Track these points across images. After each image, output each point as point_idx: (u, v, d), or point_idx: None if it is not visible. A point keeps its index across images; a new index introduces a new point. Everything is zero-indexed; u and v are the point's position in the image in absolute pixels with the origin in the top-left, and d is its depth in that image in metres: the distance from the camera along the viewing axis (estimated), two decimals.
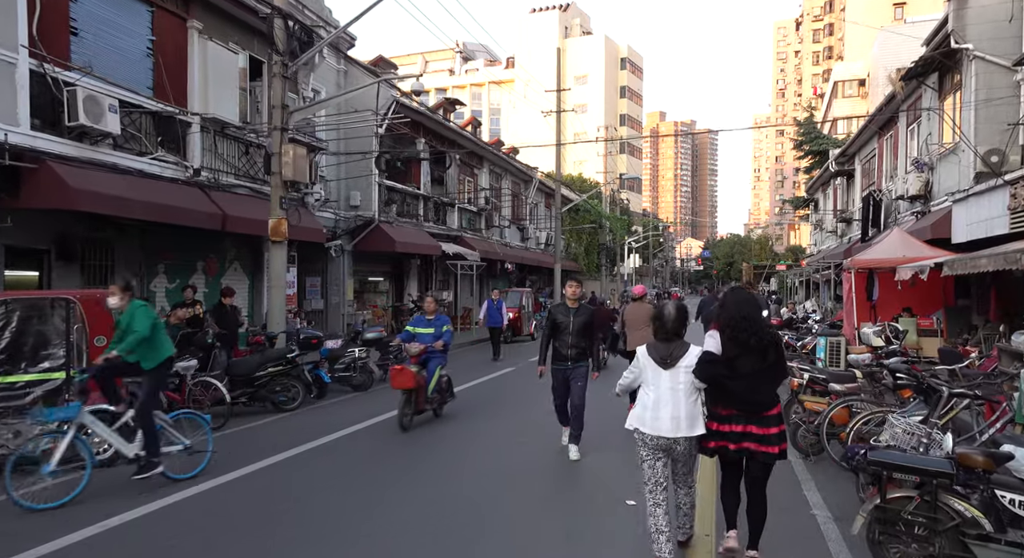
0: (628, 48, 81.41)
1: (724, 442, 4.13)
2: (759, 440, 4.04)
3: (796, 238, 66.13)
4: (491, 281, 28.64)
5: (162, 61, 11.17)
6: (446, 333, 8.37)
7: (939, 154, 14.50)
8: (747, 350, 4.09)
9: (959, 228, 12.72)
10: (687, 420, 4.09)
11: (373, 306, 21.11)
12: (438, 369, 8.35)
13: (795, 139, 37.74)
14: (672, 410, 4.08)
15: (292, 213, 11.99)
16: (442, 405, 8.86)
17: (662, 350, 4.24)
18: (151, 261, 11.94)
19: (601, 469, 6.48)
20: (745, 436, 4.06)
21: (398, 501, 5.54)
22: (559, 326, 6.87)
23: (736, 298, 4.30)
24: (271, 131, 11.47)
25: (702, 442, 4.20)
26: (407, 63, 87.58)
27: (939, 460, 3.52)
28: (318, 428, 8.11)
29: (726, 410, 4.12)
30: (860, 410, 6.03)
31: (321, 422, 8.54)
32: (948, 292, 13.86)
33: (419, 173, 21.20)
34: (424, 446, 7.42)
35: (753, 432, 4.04)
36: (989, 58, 12.30)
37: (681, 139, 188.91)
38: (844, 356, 10.59)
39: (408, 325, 8.64)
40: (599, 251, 45.96)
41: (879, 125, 19.86)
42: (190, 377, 7.92)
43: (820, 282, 24.93)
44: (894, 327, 10.82)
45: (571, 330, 6.81)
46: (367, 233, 17.99)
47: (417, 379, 7.96)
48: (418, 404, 8.14)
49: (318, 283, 18.03)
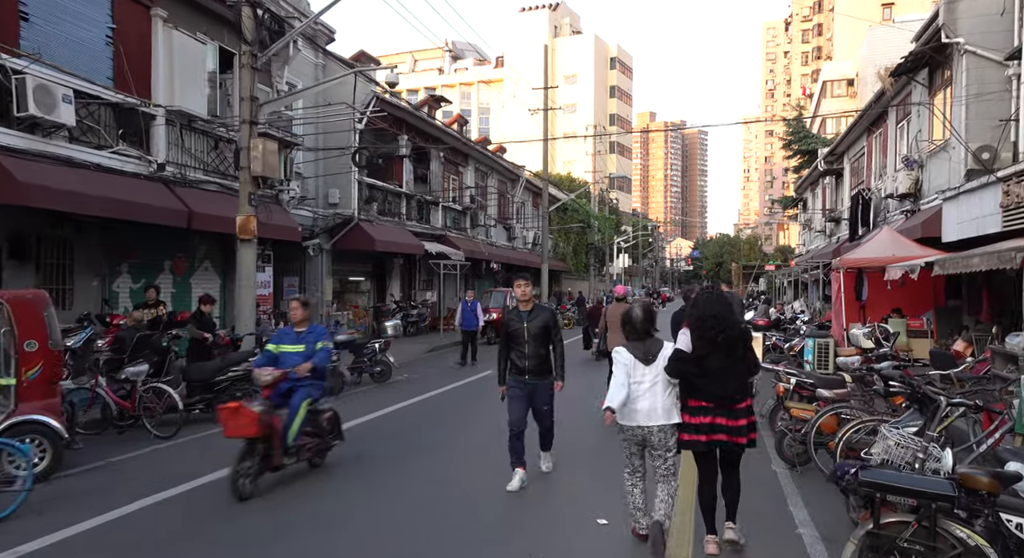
0: (618, 47, 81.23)
1: (696, 435, 4.33)
2: (729, 432, 4.27)
3: (785, 238, 66.11)
4: (477, 281, 28.21)
5: (123, 50, 10.66)
6: (320, 353, 6.06)
7: (929, 151, 14.21)
8: (716, 347, 4.30)
9: (949, 227, 12.42)
10: (663, 411, 4.39)
11: (354, 306, 20.62)
12: (304, 404, 5.90)
13: (784, 138, 37.55)
14: (649, 403, 4.37)
15: (262, 210, 11.51)
16: (323, 452, 6.45)
17: (642, 348, 4.51)
18: (114, 260, 11.43)
19: (571, 484, 5.97)
20: (715, 428, 4.28)
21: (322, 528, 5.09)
22: (513, 334, 5.85)
23: (706, 297, 4.54)
24: (240, 124, 11.00)
25: (678, 435, 4.42)
26: (396, 62, 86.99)
27: (939, 481, 3.13)
28: None
29: (697, 403, 4.34)
30: (850, 418, 5.66)
31: None
32: (938, 292, 13.57)
33: (401, 171, 20.74)
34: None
35: (723, 424, 4.26)
36: (980, 52, 12.00)
37: (671, 139, 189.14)
38: (833, 358, 10.26)
39: (269, 342, 6.32)
40: (587, 251, 45.63)
41: (868, 123, 19.60)
42: (140, 383, 7.45)
43: (809, 282, 24.66)
44: (884, 328, 10.49)
45: (526, 337, 5.75)
46: (346, 232, 17.52)
47: (263, 423, 5.48)
48: (272, 459, 5.68)
49: (296, 283, 17.53)
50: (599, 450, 6.64)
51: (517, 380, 5.86)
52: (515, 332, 5.83)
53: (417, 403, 10.02)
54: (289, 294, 17.55)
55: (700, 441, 4.31)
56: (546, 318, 5.91)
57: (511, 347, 5.89)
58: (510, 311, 6.05)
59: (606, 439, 6.31)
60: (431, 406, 9.83)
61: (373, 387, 11.37)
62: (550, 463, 6.25)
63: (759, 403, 8.47)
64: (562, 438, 6.62)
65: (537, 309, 5.95)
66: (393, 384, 11.58)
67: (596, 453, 6.50)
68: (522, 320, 5.83)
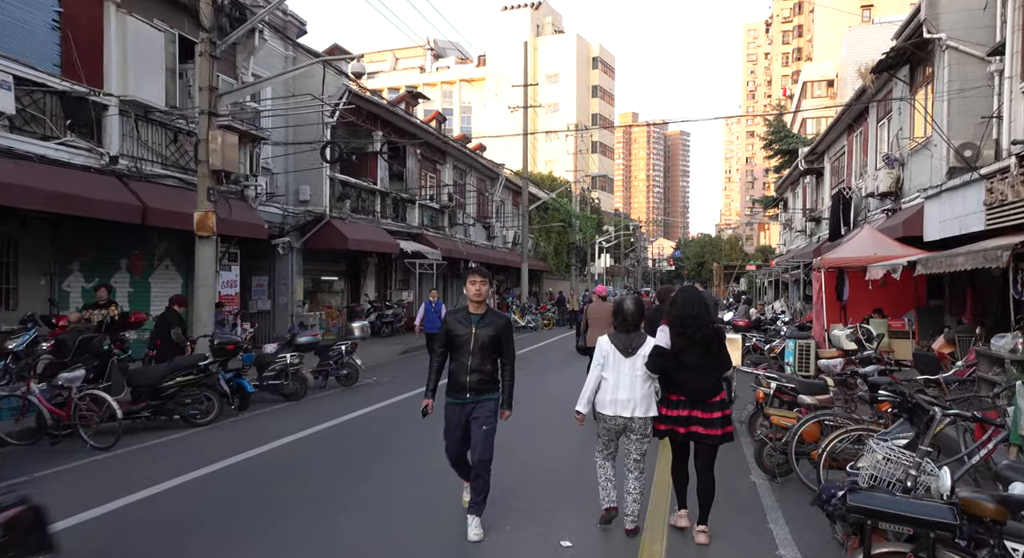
0: (600, 47, 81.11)
1: (673, 426, 4.57)
2: (704, 424, 4.50)
3: (766, 238, 66.35)
4: (455, 281, 27.75)
5: (72, 36, 10.06)
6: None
7: (910, 149, 14.01)
8: (692, 344, 4.55)
9: (931, 225, 12.20)
10: (642, 402, 4.56)
11: (327, 307, 20.06)
12: None
13: (765, 138, 37.50)
14: (629, 393, 4.55)
15: (225, 206, 10.96)
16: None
17: (624, 340, 4.67)
18: (64, 258, 10.82)
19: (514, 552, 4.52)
20: (691, 420, 4.51)
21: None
22: (456, 341, 4.70)
23: (683, 297, 4.74)
24: (198, 115, 10.45)
25: (654, 425, 4.63)
26: (377, 60, 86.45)
27: (938, 507, 2.75)
28: (222, 447, 7.11)
29: (675, 396, 4.58)
30: (834, 426, 5.30)
31: (231, 439, 7.57)
32: (920, 292, 13.36)
33: (376, 167, 20.21)
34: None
35: (698, 417, 4.50)
36: (963, 48, 11.79)
37: (654, 140, 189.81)
38: (814, 360, 9.95)
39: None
40: (569, 251, 45.29)
41: (849, 121, 19.43)
42: (76, 390, 6.90)
43: (789, 282, 24.51)
44: (866, 329, 10.19)
45: (472, 348, 4.62)
46: (318, 230, 16.98)
47: None
48: None
49: (265, 282, 16.96)
50: (555, 502, 5.47)
51: (456, 399, 4.71)
52: (460, 339, 4.67)
53: (382, 409, 9.54)
54: (258, 294, 17.00)
55: (677, 432, 4.58)
56: (499, 327, 4.71)
57: (453, 356, 4.73)
58: (456, 313, 4.85)
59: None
60: (396, 412, 9.37)
61: (339, 391, 10.87)
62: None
63: (738, 409, 8.13)
64: (502, 485, 5.33)
65: (491, 314, 4.79)
66: (360, 388, 11.10)
67: (549, 506, 5.28)
68: (470, 324, 4.68)
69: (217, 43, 10.42)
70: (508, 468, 6.10)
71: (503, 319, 4.82)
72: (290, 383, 9.53)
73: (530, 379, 12.46)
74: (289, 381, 9.50)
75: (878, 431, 4.65)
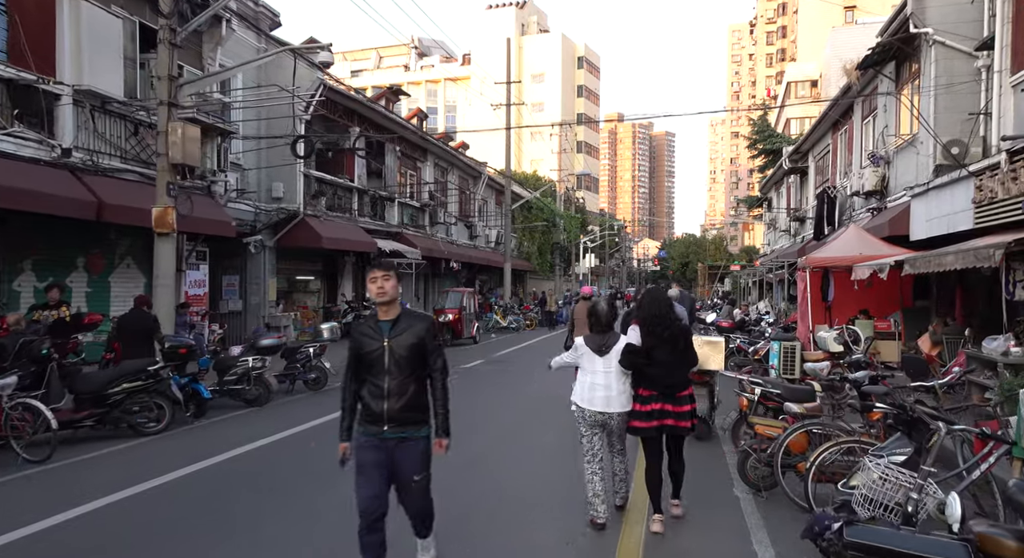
0: (585, 47, 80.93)
1: (647, 422, 4.72)
2: (675, 417, 4.71)
3: (750, 239, 66.44)
4: (436, 281, 27.28)
5: (20, 21, 9.49)
6: None
7: (896, 147, 13.76)
8: (661, 341, 4.79)
9: (918, 224, 11.94)
10: (618, 397, 4.76)
11: (303, 307, 19.52)
12: None
13: (749, 138, 37.36)
14: (605, 390, 4.74)
15: (183, 202, 10.42)
16: None
17: (598, 340, 4.90)
18: (14, 256, 10.25)
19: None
20: (663, 414, 4.70)
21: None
22: (366, 358, 3.63)
23: (651, 298, 5.05)
24: (157, 106, 9.92)
25: (629, 422, 4.79)
26: (361, 58, 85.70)
27: (949, 545, 2.37)
28: (172, 457, 6.62)
29: (646, 391, 4.76)
30: (823, 434, 4.93)
31: (183, 448, 7.07)
32: (906, 292, 13.10)
33: (353, 164, 19.69)
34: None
35: (669, 410, 4.70)
36: (949, 43, 11.53)
37: (639, 141, 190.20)
38: (800, 363, 9.61)
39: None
40: (553, 250, 44.94)
41: (834, 120, 19.21)
42: (7, 398, 6.37)
43: (774, 282, 24.29)
44: (853, 331, 9.88)
45: (387, 365, 3.58)
46: (291, 228, 16.44)
47: None
48: None
49: (236, 282, 16.40)
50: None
51: (371, 434, 3.62)
52: (371, 354, 3.60)
53: None
54: (229, 294, 16.44)
55: (650, 428, 4.72)
56: (419, 332, 3.63)
57: (362, 379, 3.67)
58: (362, 323, 3.77)
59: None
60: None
61: (306, 396, 10.38)
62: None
63: (721, 414, 7.77)
64: (455, 509, 4.88)
65: (406, 318, 3.67)
66: (329, 392, 10.60)
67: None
68: (381, 335, 3.60)
69: (177, 30, 9.91)
70: (475, 489, 5.68)
71: (424, 321, 3.72)
72: (252, 388, 9.03)
73: (512, 381, 12.06)
74: (251, 386, 8.99)
75: (872, 444, 4.28)
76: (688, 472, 5.00)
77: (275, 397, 9.94)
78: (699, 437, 7.18)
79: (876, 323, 12.67)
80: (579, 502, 4.96)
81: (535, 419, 8.61)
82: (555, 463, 6.47)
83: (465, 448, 6.58)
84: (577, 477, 5.15)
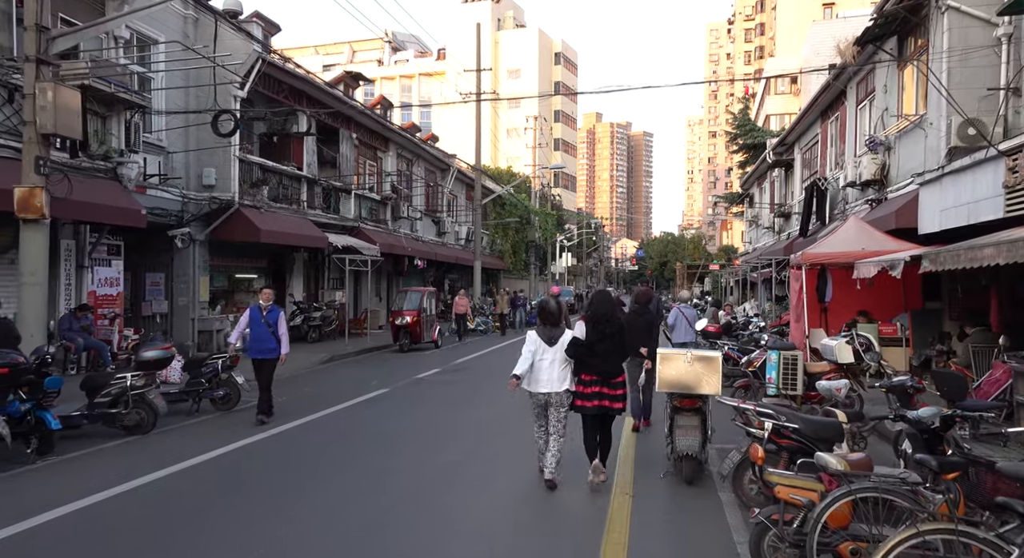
0: (562, 43, 79.63)
1: (587, 402, 5.74)
2: (611, 399, 5.76)
3: (728, 238, 65.53)
4: (400, 279, 25.49)
5: None
6: None
7: (899, 131, 12.34)
8: (603, 336, 5.77)
9: (929, 215, 10.52)
10: (559, 380, 5.74)
11: (244, 309, 17.64)
12: None
13: (730, 132, 36.11)
14: (548, 374, 5.72)
15: (58, 182, 8.58)
16: None
17: (548, 332, 5.83)
18: None
19: None
20: (601, 395, 5.73)
21: None
22: None
23: (597, 298, 6.12)
24: (23, 63, 8.08)
25: (573, 401, 5.79)
26: (333, 52, 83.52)
27: None
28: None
29: (587, 376, 5.76)
30: (881, 503, 3.33)
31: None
32: (912, 293, 11.70)
33: (301, 151, 17.85)
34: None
35: (606, 393, 5.74)
36: (965, 9, 10.11)
37: (617, 140, 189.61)
38: (802, 377, 8.07)
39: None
40: (528, 249, 43.30)
41: (823, 107, 17.85)
42: None
43: (758, 282, 22.91)
44: (864, 337, 8.38)
45: None
46: (225, 219, 14.57)
47: None
48: None
49: (161, 281, 14.52)
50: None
51: None
52: None
53: (261, 442, 7.34)
54: (153, 294, 14.55)
55: (589, 406, 5.70)
56: None
57: None
58: None
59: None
60: (281, 445, 7.20)
61: (213, 417, 8.59)
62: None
63: (718, 450, 6.20)
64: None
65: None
66: (242, 412, 8.83)
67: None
68: None
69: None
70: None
71: None
72: (132, 411, 7.23)
73: (460, 396, 10.32)
74: (130, 409, 7.20)
75: (977, 535, 2.69)
76: (678, 532, 4.76)
77: (172, 420, 8.16)
78: (689, 480, 5.57)
79: (880, 327, 11.25)
80: None
81: (471, 463, 6.88)
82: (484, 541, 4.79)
83: (359, 511, 4.93)
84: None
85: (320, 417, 8.63)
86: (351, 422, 8.48)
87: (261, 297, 8.63)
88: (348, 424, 8.37)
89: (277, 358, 8.34)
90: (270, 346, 8.29)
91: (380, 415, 8.91)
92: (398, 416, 8.85)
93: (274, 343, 8.29)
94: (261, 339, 8.32)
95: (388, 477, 5.98)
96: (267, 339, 8.28)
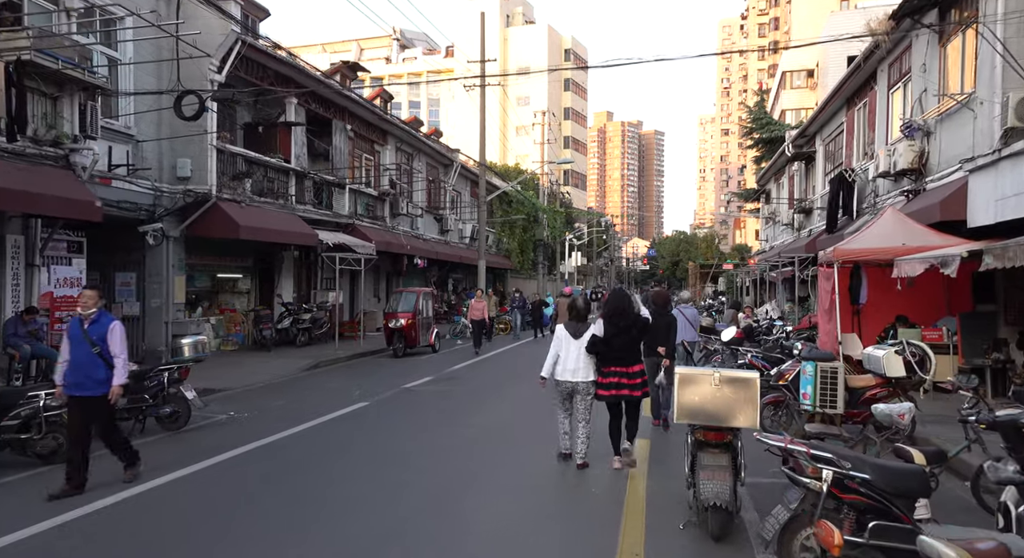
0: (572, 39, 78.47)
1: (608, 391, 6.31)
2: (630, 387, 6.29)
3: (742, 236, 63.93)
4: (400, 280, 24.37)
5: None
6: None
7: (940, 114, 11.05)
8: (619, 331, 6.33)
9: (981, 205, 9.25)
10: (583, 370, 6.36)
11: (229, 310, 16.60)
12: None
13: (744, 126, 34.71)
14: (574, 364, 6.36)
15: (40, 174, 7.49)
16: None
17: (575, 327, 6.48)
18: None
19: None
20: (620, 385, 6.27)
21: None
22: None
23: (613, 297, 6.74)
24: None
25: (596, 391, 6.37)
26: (341, 50, 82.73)
27: None
28: None
29: (607, 368, 6.33)
30: None
31: None
32: (960, 294, 10.42)
33: (289, 142, 16.76)
34: None
35: (626, 383, 6.27)
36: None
37: (628, 139, 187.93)
38: (841, 393, 6.85)
39: None
40: (535, 248, 42.07)
41: (849, 93, 16.54)
42: None
43: (777, 281, 21.57)
44: (918, 346, 7.14)
45: None
46: (201, 214, 13.49)
47: None
48: None
49: (132, 280, 13.48)
50: None
51: None
52: None
53: (204, 472, 6.20)
54: (124, 295, 13.51)
55: (610, 395, 6.32)
56: None
57: None
58: None
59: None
60: (224, 475, 6.07)
61: (158, 438, 7.44)
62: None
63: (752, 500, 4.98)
64: None
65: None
66: (193, 431, 7.70)
67: None
68: None
69: None
70: None
71: None
72: (47, 438, 6.12)
73: (452, 410, 9.08)
74: (44, 434, 6.08)
75: None
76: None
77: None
78: (717, 536, 4.34)
79: (924, 333, 9.97)
80: None
81: (443, 506, 5.71)
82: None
83: None
84: None
85: (276, 440, 7.45)
86: (310, 448, 7.29)
87: (79, 302, 5.85)
88: (303, 452, 7.14)
89: (105, 395, 5.54)
90: (96, 376, 5.51)
91: (349, 437, 7.74)
92: (366, 441, 7.65)
93: (103, 371, 5.53)
94: (81, 366, 5.51)
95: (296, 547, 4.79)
96: (90, 365, 5.49)
